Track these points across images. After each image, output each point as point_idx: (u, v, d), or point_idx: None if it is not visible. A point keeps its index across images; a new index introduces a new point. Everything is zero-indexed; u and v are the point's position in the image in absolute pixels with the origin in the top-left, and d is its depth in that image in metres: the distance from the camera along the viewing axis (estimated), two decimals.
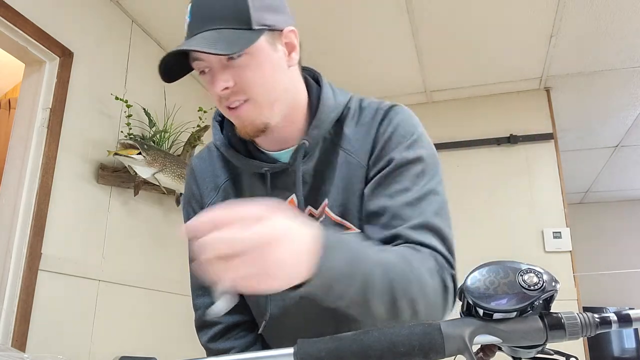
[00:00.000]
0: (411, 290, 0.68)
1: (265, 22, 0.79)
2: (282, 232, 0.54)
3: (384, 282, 0.66)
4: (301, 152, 0.86)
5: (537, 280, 0.50)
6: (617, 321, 0.51)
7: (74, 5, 2.27)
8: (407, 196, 0.80)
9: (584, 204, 5.70)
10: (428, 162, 0.84)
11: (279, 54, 0.82)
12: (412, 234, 0.76)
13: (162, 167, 2.36)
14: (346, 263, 0.62)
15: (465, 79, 3.23)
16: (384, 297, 0.66)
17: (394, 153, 0.83)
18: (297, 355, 0.52)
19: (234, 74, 0.78)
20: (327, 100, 0.89)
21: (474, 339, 0.52)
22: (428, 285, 0.70)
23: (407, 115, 0.89)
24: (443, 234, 0.78)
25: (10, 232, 1.94)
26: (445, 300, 0.73)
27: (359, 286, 0.64)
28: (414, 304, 0.68)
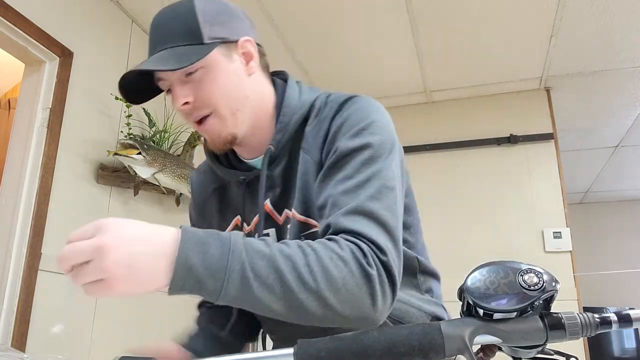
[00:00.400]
0: (309, 281, 0.64)
1: (217, 35, 0.82)
2: (114, 238, 0.57)
3: (271, 273, 0.63)
4: (266, 159, 0.87)
5: (537, 280, 0.50)
6: (617, 321, 0.51)
7: (74, 5, 2.27)
8: (348, 184, 0.76)
9: (584, 204, 5.70)
10: (377, 149, 0.79)
11: (236, 64, 0.85)
12: (342, 220, 0.72)
13: (162, 167, 2.36)
14: (216, 258, 0.61)
15: (465, 79, 3.23)
16: (275, 290, 0.63)
17: (340, 141, 0.80)
18: (297, 355, 0.52)
19: (193, 88, 0.82)
20: (290, 102, 0.89)
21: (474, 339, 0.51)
22: (333, 274, 0.65)
23: (364, 105, 0.84)
24: (375, 216, 0.72)
25: (10, 232, 1.94)
26: (370, 288, 0.67)
27: (237, 282, 0.61)
28: (320, 296, 0.64)
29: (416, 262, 0.92)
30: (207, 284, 0.61)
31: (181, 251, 0.60)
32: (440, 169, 3.34)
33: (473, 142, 3.33)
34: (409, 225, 0.92)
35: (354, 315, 0.67)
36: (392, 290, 0.70)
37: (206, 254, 0.61)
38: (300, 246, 0.67)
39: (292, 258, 0.65)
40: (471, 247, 3.12)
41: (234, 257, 0.62)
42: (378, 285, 0.67)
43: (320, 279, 0.64)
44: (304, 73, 3.09)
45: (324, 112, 0.87)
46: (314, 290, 0.64)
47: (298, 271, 0.64)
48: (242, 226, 0.93)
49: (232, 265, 0.62)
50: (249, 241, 0.65)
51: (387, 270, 0.69)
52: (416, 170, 3.27)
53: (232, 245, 0.63)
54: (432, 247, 1.03)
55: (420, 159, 3.35)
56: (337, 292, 0.65)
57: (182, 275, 0.60)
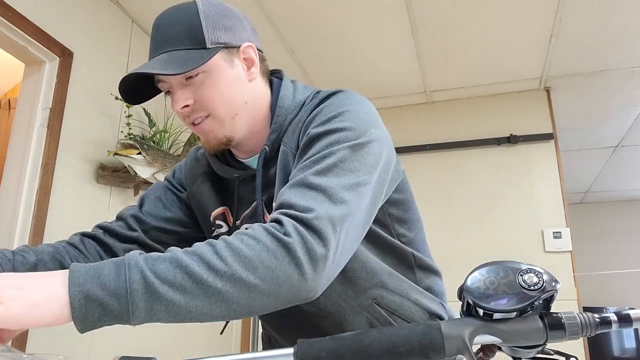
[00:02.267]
0: (222, 267, 0.60)
1: (220, 40, 0.83)
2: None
3: (177, 272, 0.60)
4: (261, 159, 0.88)
5: (537, 280, 0.50)
6: (617, 321, 0.51)
7: (74, 5, 2.27)
8: (305, 163, 0.75)
9: (584, 204, 5.70)
10: (344, 133, 0.77)
11: (237, 69, 0.86)
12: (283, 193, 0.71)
13: (162, 167, 2.36)
14: (113, 276, 0.58)
15: (465, 79, 3.23)
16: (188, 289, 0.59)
17: (310, 129, 0.80)
18: (297, 355, 0.52)
19: (193, 92, 0.83)
20: (284, 102, 0.90)
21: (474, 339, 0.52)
22: (245, 253, 0.62)
23: (343, 98, 0.84)
24: (316, 187, 0.69)
25: (10, 232, 1.94)
26: (292, 257, 0.63)
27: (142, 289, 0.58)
28: (238, 279, 0.61)
29: (412, 257, 0.92)
30: (111, 305, 0.57)
31: (72, 281, 0.57)
32: (440, 169, 3.34)
33: (473, 142, 3.33)
34: (405, 220, 0.92)
35: (284, 291, 0.63)
36: (325, 251, 0.65)
37: (100, 275, 0.58)
38: (206, 242, 0.64)
39: (198, 252, 0.61)
40: (471, 247, 3.12)
41: (130, 269, 0.59)
42: (302, 252, 0.63)
43: (232, 261, 0.61)
44: (304, 73, 3.09)
45: (307, 107, 0.88)
46: (229, 274, 0.60)
47: (206, 261, 0.60)
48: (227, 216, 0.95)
49: (132, 277, 0.58)
50: (147, 254, 0.62)
51: (313, 231, 0.65)
52: (416, 170, 3.27)
53: (126, 259, 0.60)
54: (432, 247, 1.04)
55: (420, 159, 3.36)
56: (254, 271, 0.61)
57: (82, 304, 0.56)
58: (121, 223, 0.98)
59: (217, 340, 3.08)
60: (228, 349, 3.21)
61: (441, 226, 3.20)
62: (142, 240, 0.97)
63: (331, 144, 0.75)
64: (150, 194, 1.02)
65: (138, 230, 0.97)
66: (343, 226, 0.68)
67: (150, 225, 0.98)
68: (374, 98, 3.31)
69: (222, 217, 0.95)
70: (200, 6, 0.83)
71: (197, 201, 0.99)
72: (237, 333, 3.33)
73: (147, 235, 0.98)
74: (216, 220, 0.96)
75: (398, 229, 0.91)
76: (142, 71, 0.79)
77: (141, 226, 0.98)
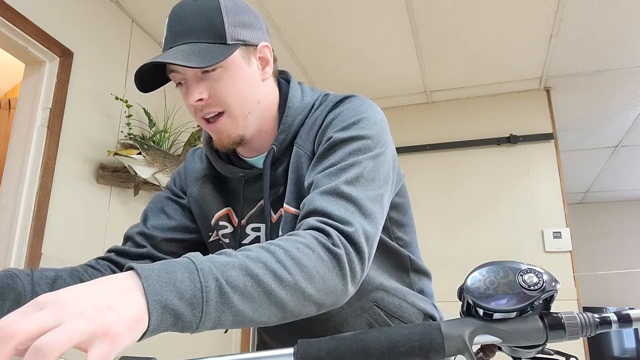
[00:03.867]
0: (286, 277, 0.61)
1: (240, 37, 0.83)
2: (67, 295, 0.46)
3: (247, 281, 0.58)
4: (269, 158, 0.87)
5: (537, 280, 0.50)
6: (617, 321, 0.51)
7: (74, 5, 2.27)
8: (331, 169, 0.77)
9: (584, 204, 5.70)
10: (365, 142, 0.79)
11: (253, 68, 0.86)
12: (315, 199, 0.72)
13: (162, 167, 2.36)
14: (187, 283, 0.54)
15: (465, 79, 3.23)
16: (256, 298, 0.58)
17: (330, 133, 0.82)
18: (297, 355, 0.52)
19: (209, 86, 0.82)
20: (293, 104, 0.90)
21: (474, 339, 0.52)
22: (305, 263, 0.63)
23: (358, 103, 0.86)
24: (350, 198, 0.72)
25: (10, 232, 1.94)
26: (340, 269, 0.65)
27: (217, 298, 0.55)
28: (299, 289, 0.61)
29: (408, 260, 0.94)
30: (186, 315, 0.53)
31: (149, 290, 0.51)
32: (440, 169, 3.34)
33: (473, 142, 3.33)
34: (403, 224, 0.94)
35: (329, 300, 0.65)
36: (361, 266, 0.69)
37: (175, 281, 0.53)
38: (262, 247, 0.63)
39: (261, 259, 0.60)
40: (471, 247, 3.12)
41: (205, 275, 0.55)
42: (347, 264, 0.66)
43: (294, 271, 0.62)
44: (304, 73, 3.09)
45: (318, 110, 0.88)
46: (292, 284, 0.61)
47: (272, 269, 0.60)
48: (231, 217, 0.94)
49: (207, 285, 0.55)
50: (210, 256, 0.59)
51: (354, 245, 0.68)
52: (416, 170, 3.27)
53: (197, 264, 0.56)
54: (432, 247, 1.05)
55: (420, 159, 3.36)
56: (312, 280, 0.63)
57: (158, 316, 0.51)
58: (129, 243, 0.97)
59: (218, 340, 3.08)
60: (228, 349, 3.21)
61: (441, 226, 3.20)
62: (153, 254, 0.96)
63: (354, 152, 0.78)
64: (153, 207, 1.01)
65: (147, 246, 0.96)
66: (374, 241, 0.73)
67: (158, 238, 0.97)
68: (374, 98, 3.31)
69: (226, 218, 0.95)
70: (221, 1, 0.82)
71: (198, 204, 0.98)
72: (237, 333, 3.33)
73: (157, 249, 0.96)
74: (220, 222, 0.95)
75: (397, 232, 0.93)
76: (165, 61, 0.78)
77: (149, 241, 0.96)
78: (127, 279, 0.51)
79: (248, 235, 0.92)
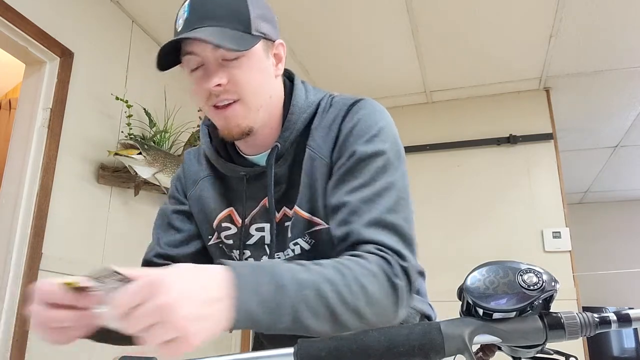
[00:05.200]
0: (351, 300, 0.67)
1: (262, 30, 0.83)
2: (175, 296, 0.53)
3: (318, 302, 0.65)
4: (273, 155, 0.87)
5: (536, 280, 0.51)
6: (617, 321, 0.51)
7: (74, 5, 2.27)
8: (365, 192, 0.79)
9: (584, 204, 5.70)
10: (389, 156, 0.82)
11: (269, 63, 0.86)
12: (363, 231, 0.76)
13: (163, 167, 2.36)
14: (269, 297, 0.62)
15: (465, 79, 3.23)
16: (322, 316, 0.65)
17: (354, 147, 0.82)
18: (297, 355, 0.52)
19: (228, 73, 0.81)
20: (298, 102, 0.90)
21: (474, 338, 0.52)
22: (369, 290, 0.69)
23: (371, 109, 0.87)
24: (396, 228, 0.77)
25: (11, 232, 1.94)
26: (395, 298, 0.72)
27: (290, 315, 0.63)
28: (358, 312, 0.68)
29: None
30: (262, 321, 0.61)
31: (238, 296, 0.59)
32: (440, 169, 3.34)
33: (473, 142, 3.33)
34: None
35: (379, 322, 0.71)
36: (410, 294, 0.75)
37: (261, 295, 0.61)
38: (335, 267, 0.69)
39: (334, 281, 0.67)
40: (471, 247, 3.12)
41: (285, 294, 0.63)
42: (401, 295, 0.72)
43: (359, 296, 0.68)
44: (304, 73, 3.09)
45: (330, 113, 0.88)
46: (355, 309, 0.67)
47: (341, 294, 0.67)
48: (233, 217, 0.93)
49: (285, 302, 0.63)
50: (292, 269, 0.66)
51: (408, 279, 0.74)
52: (416, 170, 3.27)
53: (281, 280, 0.64)
54: (431, 247, 1.05)
55: (420, 159, 3.36)
56: (372, 306, 0.69)
57: (241, 318, 0.59)
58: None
59: (218, 340, 3.08)
60: (228, 349, 3.21)
61: (441, 226, 3.20)
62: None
63: (382, 170, 0.81)
64: (161, 224, 1.00)
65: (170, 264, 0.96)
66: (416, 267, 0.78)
67: (176, 256, 0.96)
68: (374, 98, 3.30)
69: (228, 219, 0.94)
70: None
71: (199, 206, 0.96)
72: (237, 333, 3.33)
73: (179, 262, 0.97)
74: (222, 223, 0.94)
75: None
76: (202, 37, 0.76)
77: (170, 260, 0.95)
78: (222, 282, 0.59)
79: (252, 236, 0.91)
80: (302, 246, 0.87)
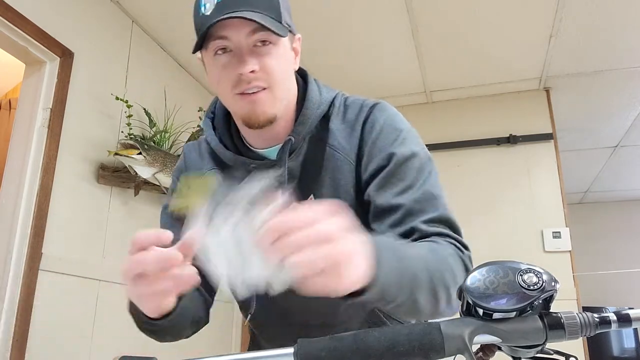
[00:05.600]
0: (445, 278, 0.70)
1: (288, 21, 0.84)
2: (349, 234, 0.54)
3: (426, 277, 0.68)
4: (287, 149, 0.87)
5: (536, 280, 0.51)
6: (617, 321, 0.51)
7: (74, 5, 2.27)
8: (414, 194, 0.83)
9: (584, 204, 5.70)
10: (422, 156, 0.88)
11: (292, 55, 0.88)
12: (427, 228, 0.80)
13: (163, 167, 2.36)
14: (396, 267, 0.63)
15: (465, 79, 3.23)
16: (427, 292, 0.68)
17: (389, 149, 0.85)
18: (297, 355, 0.52)
19: (260, 59, 0.80)
20: (312, 97, 0.90)
21: (474, 338, 0.52)
22: (455, 269, 0.73)
23: (392, 112, 0.91)
24: (453, 224, 0.84)
25: (11, 232, 1.94)
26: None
27: (408, 288, 0.65)
28: (448, 290, 0.71)
29: None
30: (388, 294, 0.62)
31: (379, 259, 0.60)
32: (440, 169, 3.28)
33: (473, 142, 3.33)
34: None
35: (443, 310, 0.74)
36: None
37: (392, 264, 0.62)
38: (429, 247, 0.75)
39: (432, 259, 0.71)
40: (471, 247, 3.11)
41: (406, 266, 0.65)
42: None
43: (449, 275, 0.72)
44: None
45: (349, 114, 0.90)
46: (447, 286, 0.71)
47: (441, 271, 0.71)
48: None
49: (405, 275, 0.65)
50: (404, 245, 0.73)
51: (472, 264, 0.79)
52: None
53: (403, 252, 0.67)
54: None
55: None
56: (457, 285, 0.70)
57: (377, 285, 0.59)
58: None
59: (218, 340, 3.08)
60: (228, 349, 3.21)
61: None
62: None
63: (421, 170, 0.86)
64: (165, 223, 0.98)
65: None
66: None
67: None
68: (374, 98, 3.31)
69: None
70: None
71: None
72: (237, 333, 3.33)
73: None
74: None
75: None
76: (251, 18, 0.76)
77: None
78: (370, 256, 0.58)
79: None
80: None
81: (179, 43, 2.78)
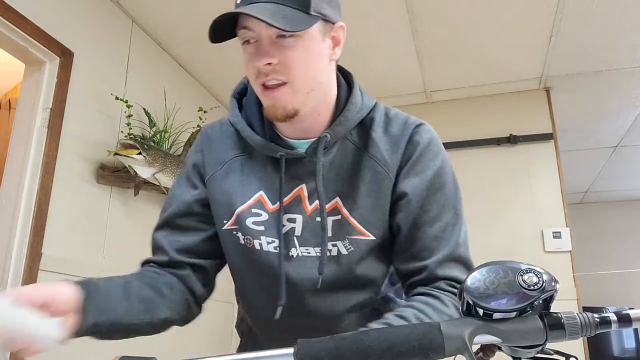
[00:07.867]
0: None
1: (322, 11, 0.80)
2: None
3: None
4: (322, 144, 0.85)
5: (536, 280, 0.50)
6: (617, 321, 0.51)
7: (74, 5, 2.27)
8: (436, 228, 0.85)
9: (584, 204, 5.70)
10: (452, 187, 0.89)
11: (325, 45, 0.84)
12: (437, 269, 0.82)
13: (162, 167, 2.36)
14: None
15: (465, 79, 3.23)
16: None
17: (421, 175, 0.86)
18: (297, 355, 0.52)
19: (280, 52, 0.78)
20: (356, 100, 0.89)
21: (474, 338, 0.52)
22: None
23: (435, 136, 0.90)
24: (466, 262, 0.85)
25: (11, 232, 1.94)
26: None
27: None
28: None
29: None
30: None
31: None
32: None
33: (473, 142, 3.33)
34: None
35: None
36: None
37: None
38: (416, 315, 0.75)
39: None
40: (471, 247, 3.12)
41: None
42: None
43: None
44: None
45: (392, 128, 0.89)
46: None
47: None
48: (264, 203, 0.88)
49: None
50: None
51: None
52: None
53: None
54: None
55: None
56: None
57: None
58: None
59: (217, 340, 3.08)
60: (228, 349, 3.21)
61: None
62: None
63: (445, 205, 0.88)
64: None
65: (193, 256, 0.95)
66: None
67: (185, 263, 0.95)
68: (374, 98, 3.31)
69: (258, 204, 0.89)
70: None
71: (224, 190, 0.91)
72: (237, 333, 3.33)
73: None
74: (252, 209, 0.89)
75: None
76: (252, 14, 0.74)
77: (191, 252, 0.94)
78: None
79: (283, 226, 0.87)
80: (340, 250, 0.86)
81: (179, 43, 2.78)
